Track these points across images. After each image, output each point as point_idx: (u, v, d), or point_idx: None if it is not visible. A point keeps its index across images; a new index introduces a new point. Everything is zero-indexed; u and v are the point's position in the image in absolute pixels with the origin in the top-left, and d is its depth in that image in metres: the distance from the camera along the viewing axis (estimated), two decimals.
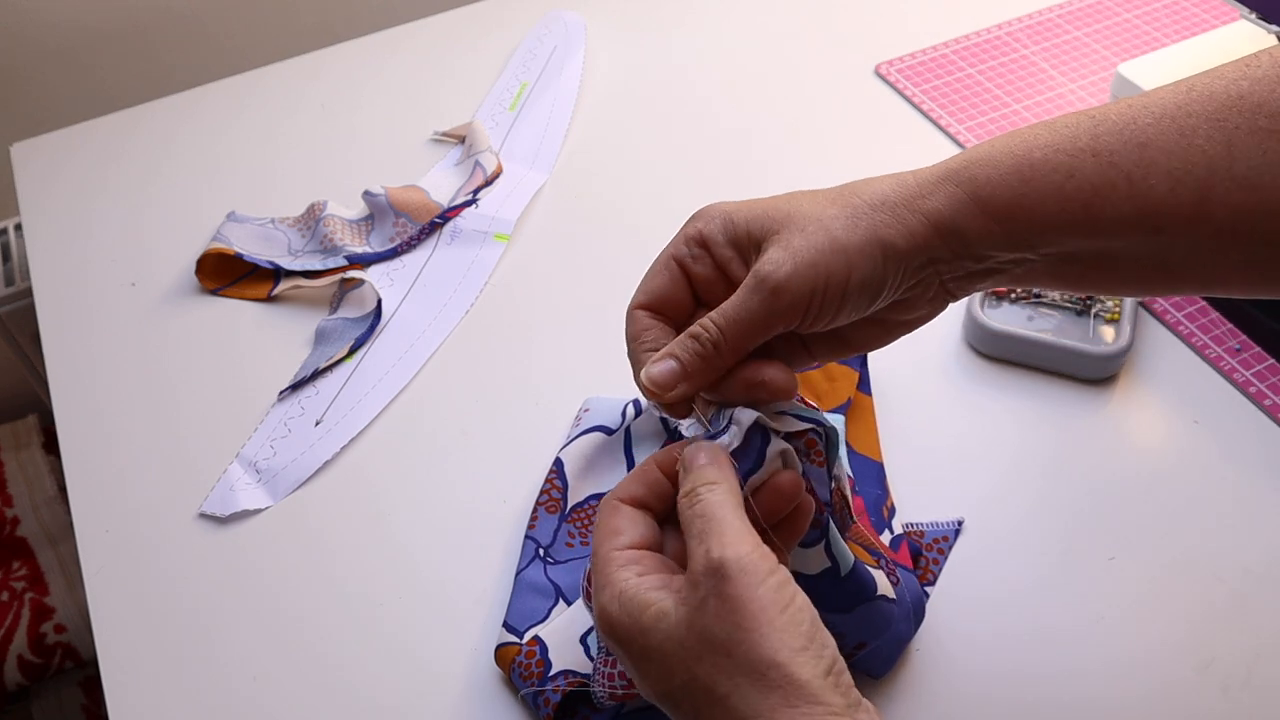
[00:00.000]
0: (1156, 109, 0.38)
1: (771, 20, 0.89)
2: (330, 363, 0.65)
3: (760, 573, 0.35)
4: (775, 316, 0.40)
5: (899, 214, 0.40)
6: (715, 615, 0.35)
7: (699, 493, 0.38)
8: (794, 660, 0.34)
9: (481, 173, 0.76)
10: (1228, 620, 0.52)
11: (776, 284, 0.39)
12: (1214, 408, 0.60)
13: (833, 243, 0.39)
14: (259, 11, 1.05)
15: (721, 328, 0.40)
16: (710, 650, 0.34)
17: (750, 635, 0.34)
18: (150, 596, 0.55)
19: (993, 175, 0.39)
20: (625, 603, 0.37)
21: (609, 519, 0.40)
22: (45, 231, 0.76)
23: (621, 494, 0.41)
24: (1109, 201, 0.37)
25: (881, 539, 0.53)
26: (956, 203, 0.39)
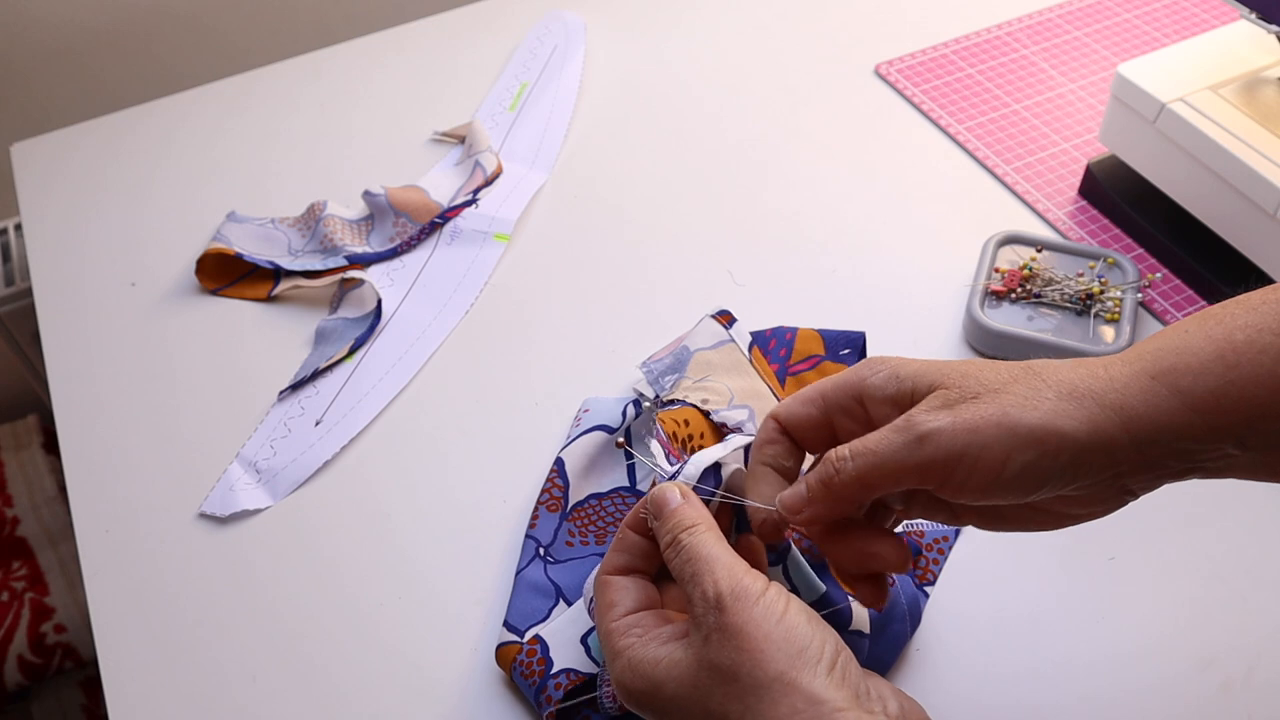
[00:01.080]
0: None
1: (771, 20, 0.89)
2: (330, 363, 0.65)
3: (753, 594, 0.37)
4: (914, 466, 0.37)
5: (1085, 405, 0.36)
6: (719, 646, 0.36)
7: (680, 540, 0.39)
8: (793, 667, 0.35)
9: (481, 173, 0.76)
10: (1228, 620, 0.52)
11: (924, 432, 0.37)
12: None
13: (1002, 416, 0.36)
14: (259, 11, 1.05)
15: (852, 457, 0.38)
16: (720, 681, 0.36)
17: (751, 656, 0.35)
18: (150, 596, 0.55)
19: (1192, 363, 0.35)
20: (635, 666, 0.38)
21: (603, 594, 0.41)
22: (45, 231, 0.76)
23: (608, 567, 0.42)
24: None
25: None
26: (1154, 398, 0.36)
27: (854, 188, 0.75)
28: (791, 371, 0.59)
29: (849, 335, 0.60)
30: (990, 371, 0.38)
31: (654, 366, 0.59)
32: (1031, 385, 0.37)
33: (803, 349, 0.60)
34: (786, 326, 0.61)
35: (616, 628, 0.40)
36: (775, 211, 0.73)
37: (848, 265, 0.69)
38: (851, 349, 0.60)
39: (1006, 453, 0.36)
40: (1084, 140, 0.77)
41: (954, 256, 0.69)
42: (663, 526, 0.40)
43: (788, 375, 0.59)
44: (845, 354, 0.60)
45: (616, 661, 0.39)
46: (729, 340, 0.58)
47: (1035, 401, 0.36)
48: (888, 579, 0.44)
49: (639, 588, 0.41)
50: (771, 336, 0.61)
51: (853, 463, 0.38)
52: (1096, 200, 0.72)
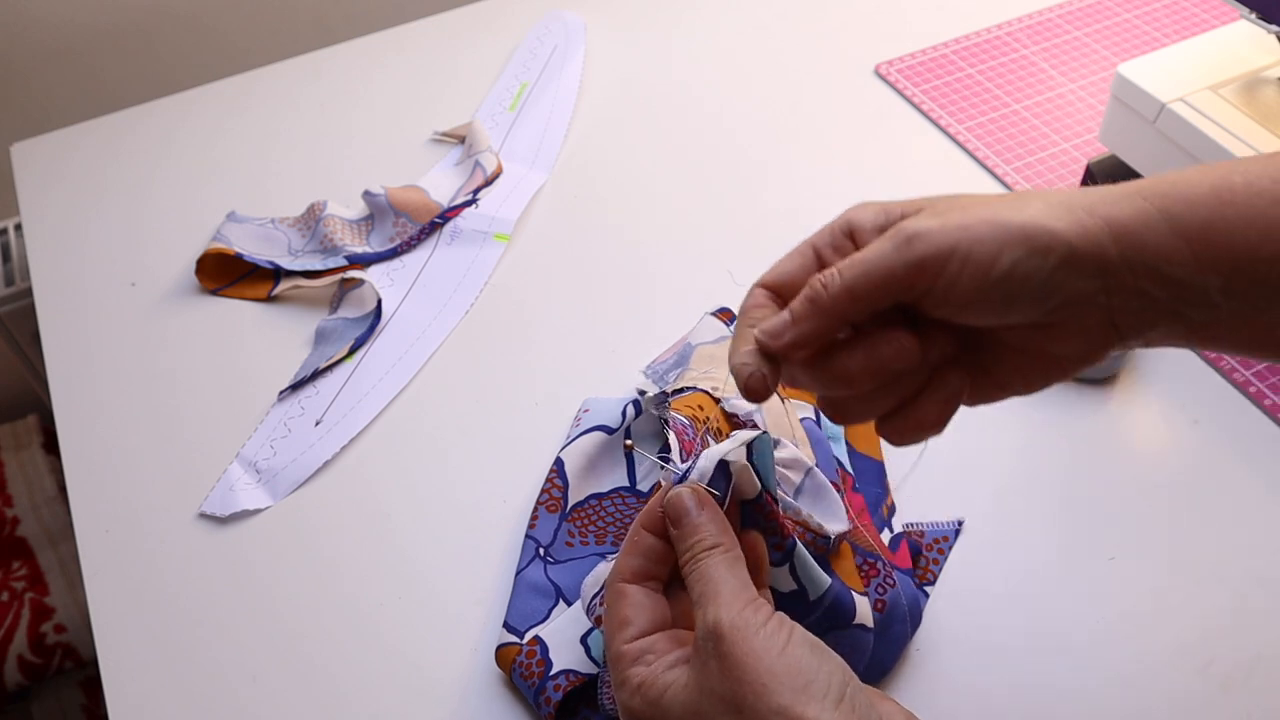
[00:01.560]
0: None
1: (771, 20, 0.89)
2: (330, 363, 0.65)
3: (753, 626, 0.36)
4: (903, 268, 0.36)
5: (1075, 213, 0.36)
6: (719, 676, 0.35)
7: (698, 558, 0.39)
8: (798, 700, 0.34)
9: (481, 173, 0.76)
10: (1228, 620, 0.52)
11: (913, 232, 0.36)
12: (1214, 408, 0.60)
13: (992, 215, 0.36)
14: (259, 11, 1.05)
15: (842, 269, 0.37)
16: (723, 710, 0.35)
17: (752, 687, 0.35)
18: (150, 596, 0.55)
19: (1186, 193, 0.35)
20: (645, 693, 0.37)
21: (616, 608, 0.40)
22: (45, 231, 0.76)
23: (624, 572, 0.41)
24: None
25: (881, 538, 0.53)
26: (1143, 215, 0.35)
27: (854, 188, 0.75)
28: None
29: None
30: (979, 195, 0.39)
31: (658, 368, 0.59)
32: (1021, 197, 0.37)
33: None
34: None
35: (628, 651, 0.39)
36: (775, 211, 0.73)
37: None
38: None
39: (997, 248, 0.35)
40: (1084, 140, 0.77)
41: None
42: (683, 541, 0.40)
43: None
44: None
45: (625, 688, 0.38)
46: (730, 336, 0.58)
47: (1024, 206, 0.36)
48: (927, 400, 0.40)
49: (652, 603, 0.40)
50: None
51: (840, 276, 0.37)
52: None
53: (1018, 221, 0.35)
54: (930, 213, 0.37)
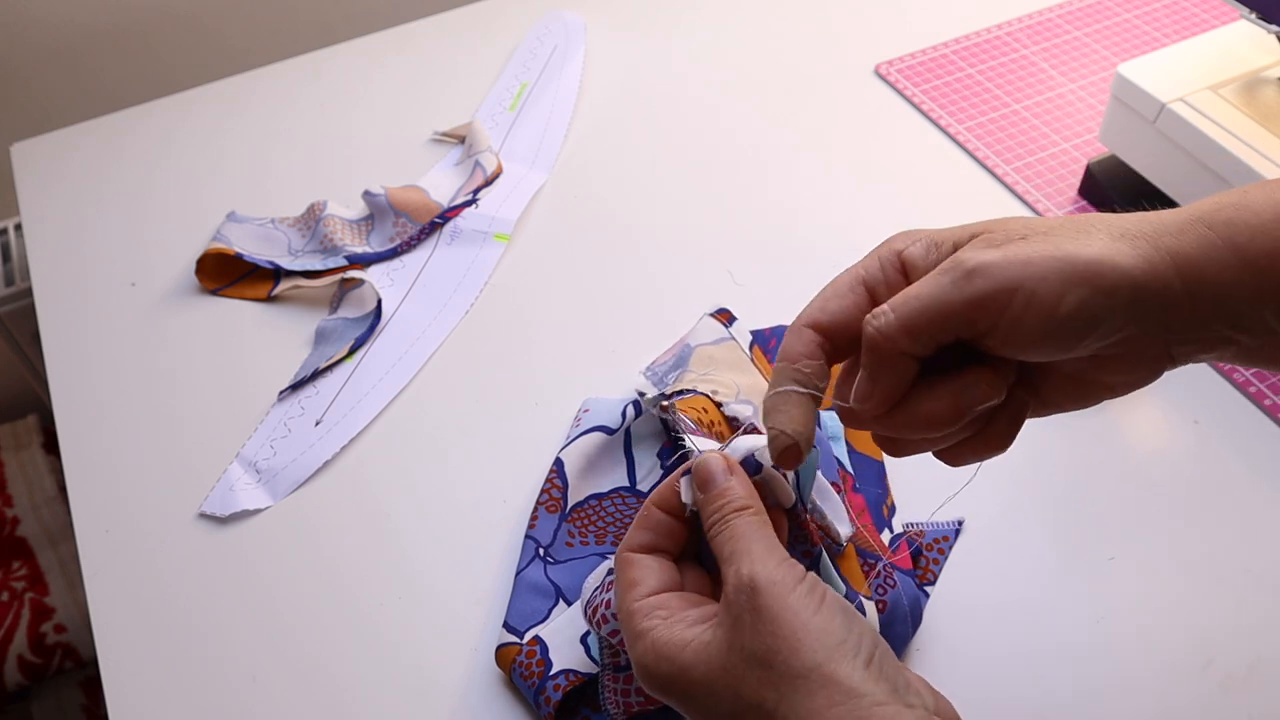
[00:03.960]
0: None
1: (771, 20, 0.89)
2: (330, 363, 0.65)
3: (789, 582, 0.35)
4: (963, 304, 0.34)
5: (1139, 246, 0.34)
6: (752, 631, 0.35)
7: (728, 519, 0.38)
8: (831, 659, 0.34)
9: (481, 173, 0.76)
10: (1228, 620, 0.52)
11: (973, 266, 0.34)
12: (1214, 408, 0.60)
13: (1056, 249, 0.34)
14: (259, 11, 1.05)
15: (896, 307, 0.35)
16: (753, 666, 0.34)
17: (787, 643, 0.34)
18: (150, 596, 0.55)
19: (1251, 220, 0.34)
20: (660, 649, 0.36)
21: (625, 572, 0.39)
22: (45, 231, 0.76)
23: (631, 544, 0.40)
24: None
25: (881, 538, 0.53)
26: (1208, 246, 0.34)
27: (854, 187, 0.75)
28: None
29: None
30: (1034, 220, 0.36)
31: (657, 369, 0.59)
32: (1081, 226, 0.35)
33: None
34: (786, 326, 0.61)
35: (640, 607, 0.38)
36: (775, 211, 0.73)
37: (848, 265, 0.69)
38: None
39: (1062, 287, 0.34)
40: (1084, 140, 0.77)
41: None
42: (711, 504, 0.39)
43: None
44: None
45: (639, 643, 0.37)
46: (729, 338, 0.58)
47: (1088, 239, 0.34)
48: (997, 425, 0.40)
49: (662, 568, 0.39)
50: (771, 335, 0.61)
51: (895, 314, 0.35)
52: (1096, 200, 0.72)
53: (1084, 258, 0.34)
54: (986, 241, 0.36)
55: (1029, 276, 0.34)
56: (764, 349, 0.60)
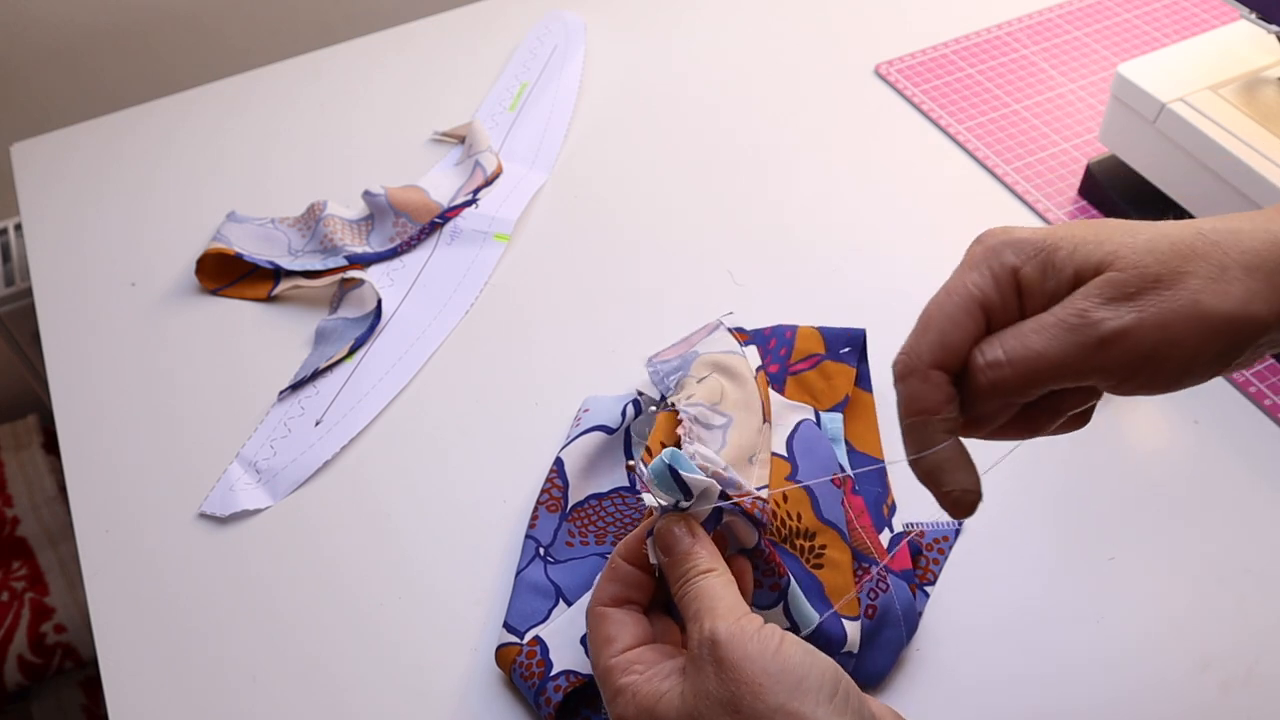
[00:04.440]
0: None
1: (771, 20, 0.89)
2: (330, 363, 0.65)
3: (748, 632, 0.37)
4: (1090, 370, 0.33)
5: (1273, 280, 0.33)
6: (717, 681, 0.36)
7: (693, 580, 0.39)
8: (793, 697, 0.35)
9: (481, 173, 0.76)
10: (1227, 620, 0.52)
11: (1108, 334, 0.32)
12: (1214, 408, 0.60)
13: (1194, 306, 0.32)
14: (259, 11, 1.05)
15: (1010, 362, 0.34)
16: (719, 712, 0.36)
17: (750, 688, 0.35)
18: (150, 596, 0.55)
19: None
20: (640, 702, 0.38)
21: (599, 628, 0.41)
22: (45, 231, 0.76)
23: (602, 598, 0.42)
24: None
25: (880, 538, 0.53)
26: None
27: (854, 187, 0.75)
28: (792, 370, 0.59)
29: (849, 333, 0.60)
30: (1161, 240, 0.33)
31: (660, 366, 0.59)
32: (1216, 261, 0.33)
33: (803, 347, 0.60)
34: (786, 325, 0.61)
35: (617, 664, 0.39)
36: (775, 211, 0.73)
37: (848, 265, 0.69)
38: (852, 346, 0.59)
39: (1199, 346, 0.33)
40: (1084, 140, 0.77)
41: (954, 256, 0.69)
42: (676, 567, 0.40)
43: (788, 374, 0.59)
44: (846, 352, 0.59)
45: (619, 698, 0.39)
46: (739, 354, 0.57)
47: (1225, 285, 0.33)
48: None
49: (634, 621, 0.41)
50: (771, 335, 0.61)
51: (1011, 367, 0.33)
52: (1097, 200, 0.72)
53: (1222, 315, 0.32)
54: (1116, 289, 0.33)
55: (1164, 341, 0.32)
56: (764, 348, 0.60)
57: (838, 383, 0.59)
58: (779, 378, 0.59)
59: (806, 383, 0.59)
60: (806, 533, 0.51)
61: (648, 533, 0.42)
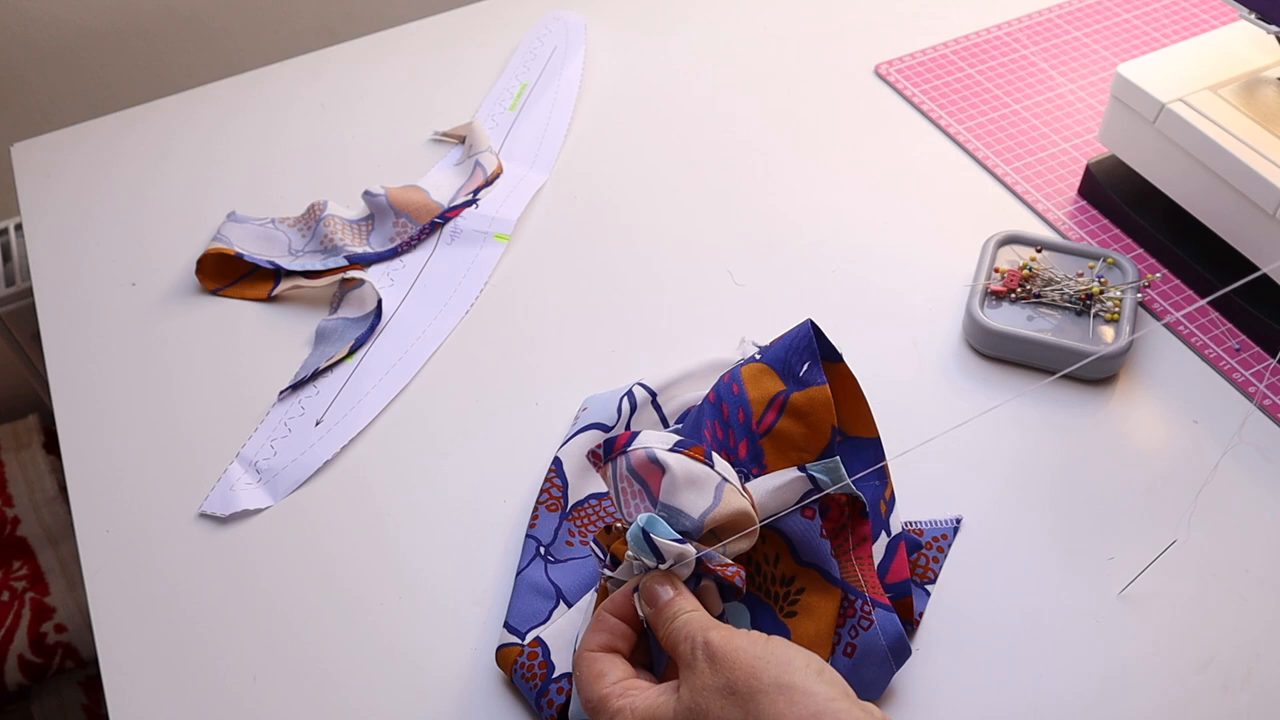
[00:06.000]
0: None
1: (771, 20, 0.89)
2: (330, 363, 0.65)
3: (737, 632, 0.42)
4: None
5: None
6: (712, 674, 0.40)
7: (680, 617, 0.43)
8: (785, 673, 0.39)
9: (481, 173, 0.76)
10: (1228, 620, 0.52)
11: None
12: (1214, 408, 0.60)
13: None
14: (259, 11, 1.05)
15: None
16: (717, 697, 0.39)
17: (745, 671, 0.39)
18: (150, 596, 0.55)
19: None
20: (639, 713, 0.41)
21: (590, 667, 0.44)
22: (45, 231, 0.76)
23: (591, 645, 0.45)
24: None
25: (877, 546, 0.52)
26: None
27: (854, 187, 0.75)
28: (761, 432, 0.50)
29: (795, 342, 0.50)
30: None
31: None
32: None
33: (758, 396, 0.50)
34: (728, 377, 0.52)
35: (613, 690, 0.43)
36: (775, 211, 0.73)
37: (848, 265, 0.69)
38: (808, 359, 0.50)
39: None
40: (1084, 140, 0.77)
41: (954, 256, 0.69)
42: (662, 613, 0.44)
43: (760, 439, 0.50)
44: (805, 371, 0.50)
45: (619, 717, 0.42)
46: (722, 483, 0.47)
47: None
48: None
49: (623, 663, 0.44)
50: (723, 401, 0.51)
51: None
52: (1096, 200, 0.72)
53: None
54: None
55: None
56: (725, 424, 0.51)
57: (817, 417, 0.49)
58: (754, 452, 0.50)
59: (784, 438, 0.49)
60: (784, 578, 0.49)
61: (634, 589, 0.45)
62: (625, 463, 0.47)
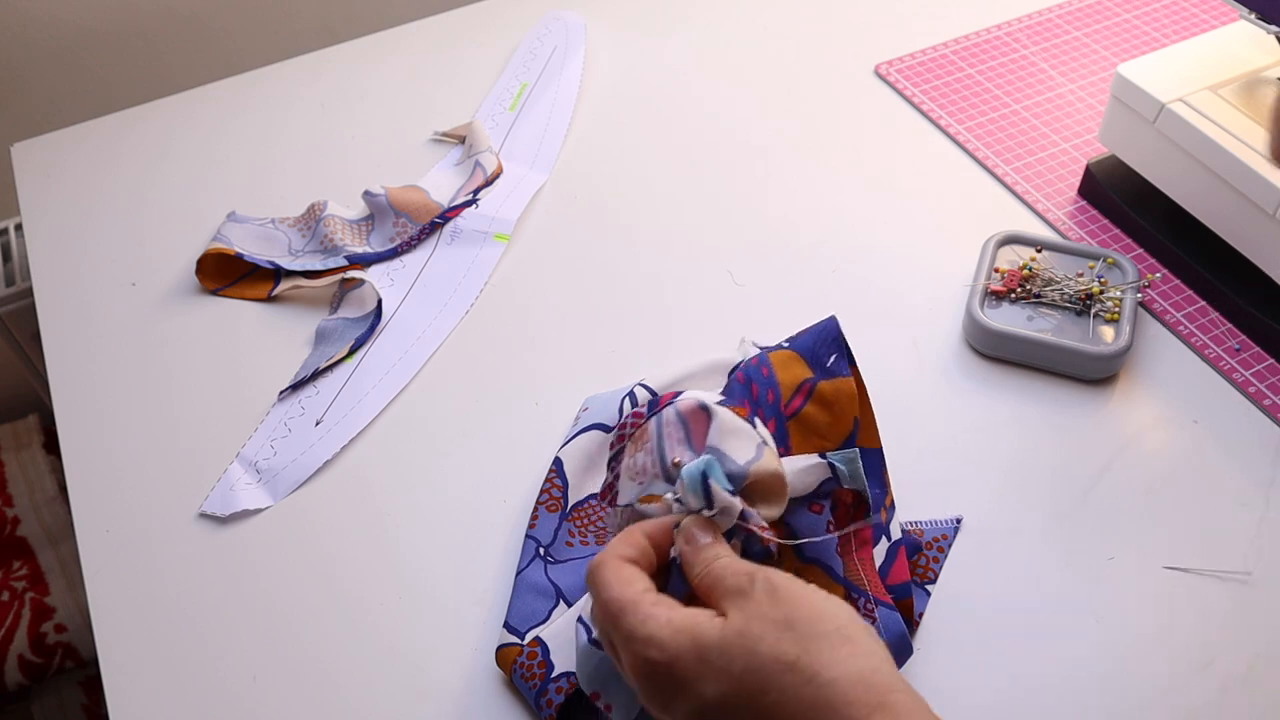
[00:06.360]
0: None
1: (771, 20, 0.89)
2: (330, 363, 0.65)
3: (798, 580, 0.39)
4: None
5: None
6: (771, 605, 0.37)
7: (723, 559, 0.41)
8: (848, 625, 0.37)
9: (481, 173, 0.76)
10: (1227, 620, 0.52)
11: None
12: (1214, 408, 0.60)
13: None
14: (259, 11, 1.05)
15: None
16: (773, 628, 0.37)
17: (808, 613, 0.37)
18: (150, 596, 0.55)
19: None
20: (676, 623, 0.38)
21: (619, 572, 0.40)
22: (45, 231, 0.76)
23: (619, 553, 0.42)
24: None
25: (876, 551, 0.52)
26: None
27: (854, 187, 0.75)
28: (788, 413, 0.51)
29: (822, 334, 0.51)
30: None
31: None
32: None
33: (788, 380, 0.51)
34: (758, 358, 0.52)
35: (644, 598, 0.39)
36: (775, 211, 0.73)
37: (848, 265, 0.69)
38: (835, 351, 0.51)
39: None
40: (1084, 140, 0.77)
41: (954, 256, 0.69)
42: (700, 554, 0.41)
43: (787, 422, 0.50)
44: (832, 362, 0.51)
45: (648, 622, 0.38)
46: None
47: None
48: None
49: (648, 578, 0.41)
50: (752, 381, 0.52)
51: None
52: (1096, 200, 0.72)
53: None
54: None
55: None
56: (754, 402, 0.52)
57: (841, 407, 0.50)
58: (781, 433, 0.51)
59: (809, 423, 0.50)
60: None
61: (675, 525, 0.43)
62: (674, 411, 0.47)
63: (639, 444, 0.48)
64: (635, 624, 0.38)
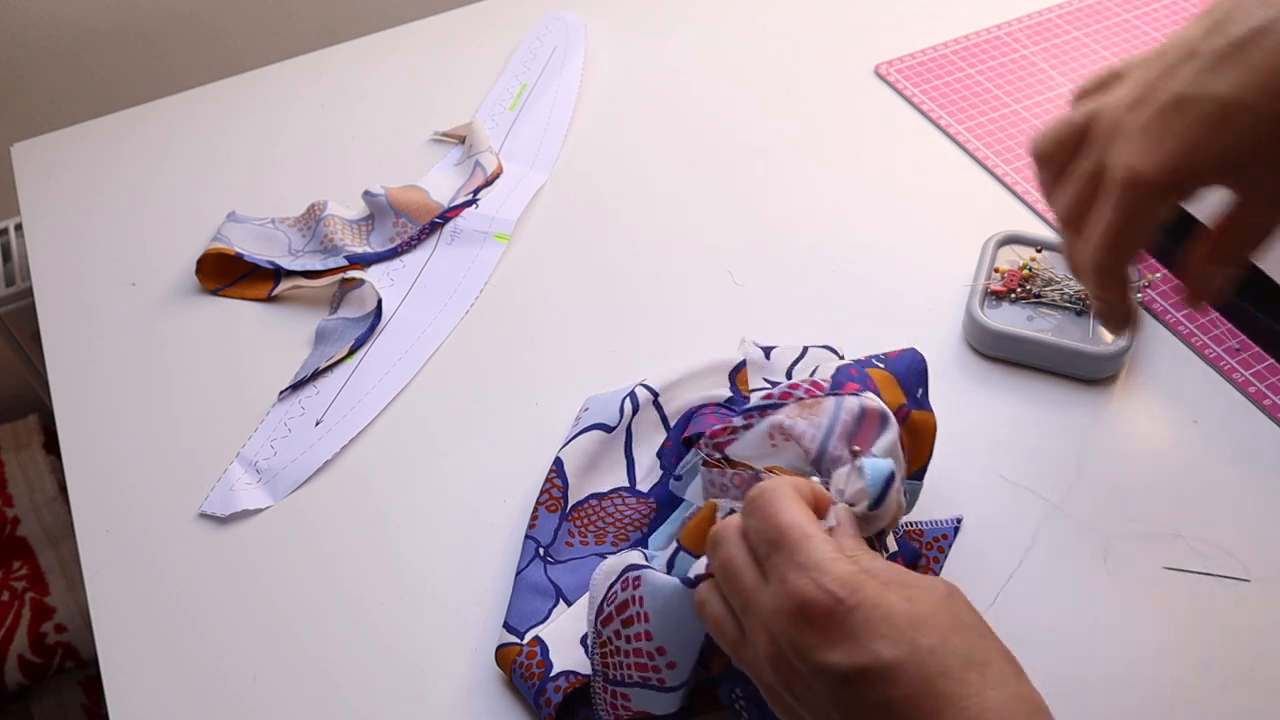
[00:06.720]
0: None
1: (771, 20, 0.89)
2: (330, 363, 0.65)
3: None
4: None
5: None
6: (965, 606, 0.37)
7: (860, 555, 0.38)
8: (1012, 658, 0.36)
9: (481, 173, 0.76)
10: (1227, 620, 0.52)
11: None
12: (1214, 408, 0.60)
13: None
14: (259, 11, 1.05)
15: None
16: (967, 628, 0.36)
17: (991, 631, 0.37)
18: (150, 596, 0.55)
19: None
20: (883, 574, 0.36)
21: (797, 501, 0.38)
22: (45, 231, 0.76)
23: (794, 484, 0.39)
24: None
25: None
26: None
27: (854, 187, 0.75)
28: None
29: (912, 365, 0.51)
30: None
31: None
32: None
33: (890, 400, 0.49)
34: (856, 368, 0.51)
35: (828, 537, 0.37)
36: (775, 211, 0.73)
37: (848, 265, 0.69)
38: (923, 385, 0.51)
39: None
40: None
41: (954, 256, 0.69)
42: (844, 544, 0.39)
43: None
44: (921, 395, 0.51)
45: (840, 562, 0.35)
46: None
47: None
48: None
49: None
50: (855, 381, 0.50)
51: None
52: None
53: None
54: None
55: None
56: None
57: (923, 439, 0.51)
58: None
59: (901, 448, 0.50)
60: None
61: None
62: (858, 403, 0.46)
63: (808, 410, 0.47)
64: (823, 557, 0.35)
